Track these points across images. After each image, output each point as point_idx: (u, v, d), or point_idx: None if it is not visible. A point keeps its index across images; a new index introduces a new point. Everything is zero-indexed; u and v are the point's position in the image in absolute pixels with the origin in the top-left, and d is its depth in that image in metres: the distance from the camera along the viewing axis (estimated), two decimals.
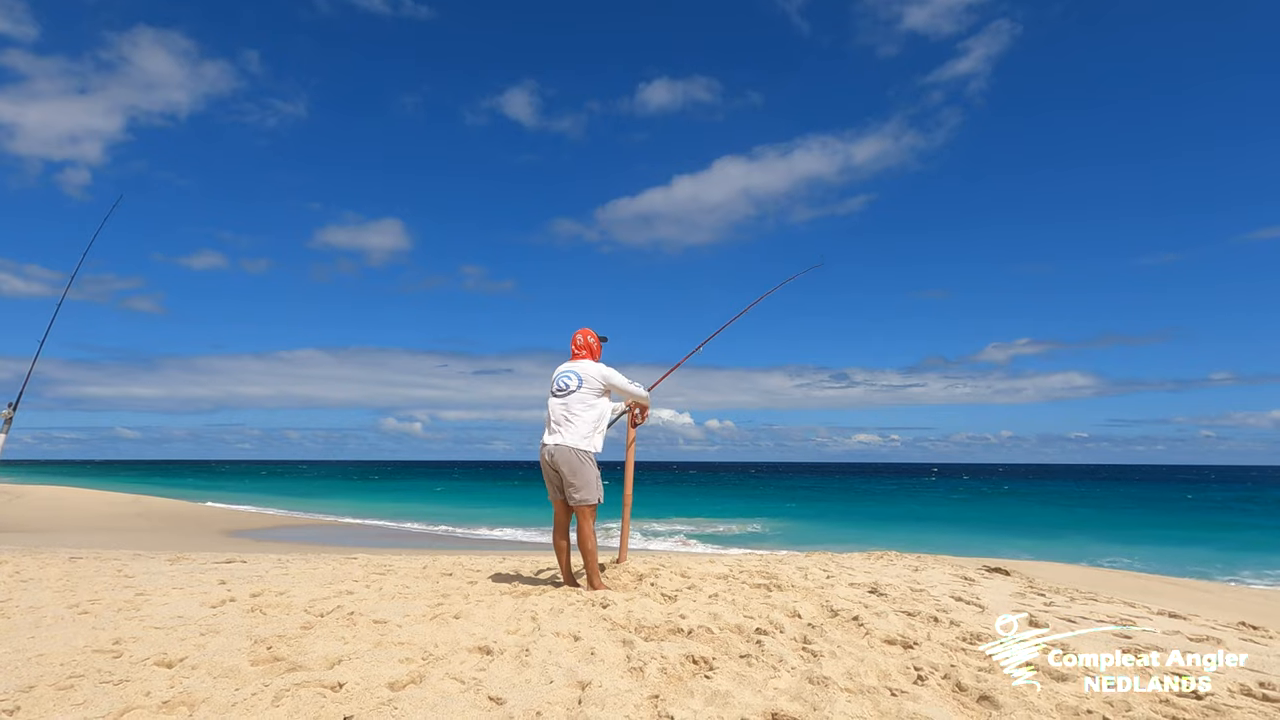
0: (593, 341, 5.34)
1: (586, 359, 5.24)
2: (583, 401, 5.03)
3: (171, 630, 3.92)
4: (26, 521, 19.79)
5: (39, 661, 3.33)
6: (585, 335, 5.34)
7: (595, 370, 5.13)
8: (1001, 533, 26.57)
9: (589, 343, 5.33)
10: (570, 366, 5.19)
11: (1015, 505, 43.82)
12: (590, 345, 5.32)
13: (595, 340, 5.36)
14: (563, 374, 5.17)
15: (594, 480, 5.00)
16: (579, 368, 5.14)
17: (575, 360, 5.25)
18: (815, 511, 37.07)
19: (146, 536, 16.92)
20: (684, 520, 29.47)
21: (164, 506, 28.19)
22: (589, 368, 5.14)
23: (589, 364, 5.18)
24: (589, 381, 5.08)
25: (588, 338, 5.33)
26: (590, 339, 5.33)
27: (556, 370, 5.25)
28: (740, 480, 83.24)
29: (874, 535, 23.75)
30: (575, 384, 5.07)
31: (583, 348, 5.31)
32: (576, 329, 5.38)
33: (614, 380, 5.17)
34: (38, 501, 27.08)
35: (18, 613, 4.38)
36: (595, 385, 5.08)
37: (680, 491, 53.96)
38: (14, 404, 7.09)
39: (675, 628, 3.94)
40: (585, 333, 5.35)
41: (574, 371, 5.13)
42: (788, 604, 4.67)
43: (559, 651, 3.44)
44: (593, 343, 5.34)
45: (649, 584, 5.28)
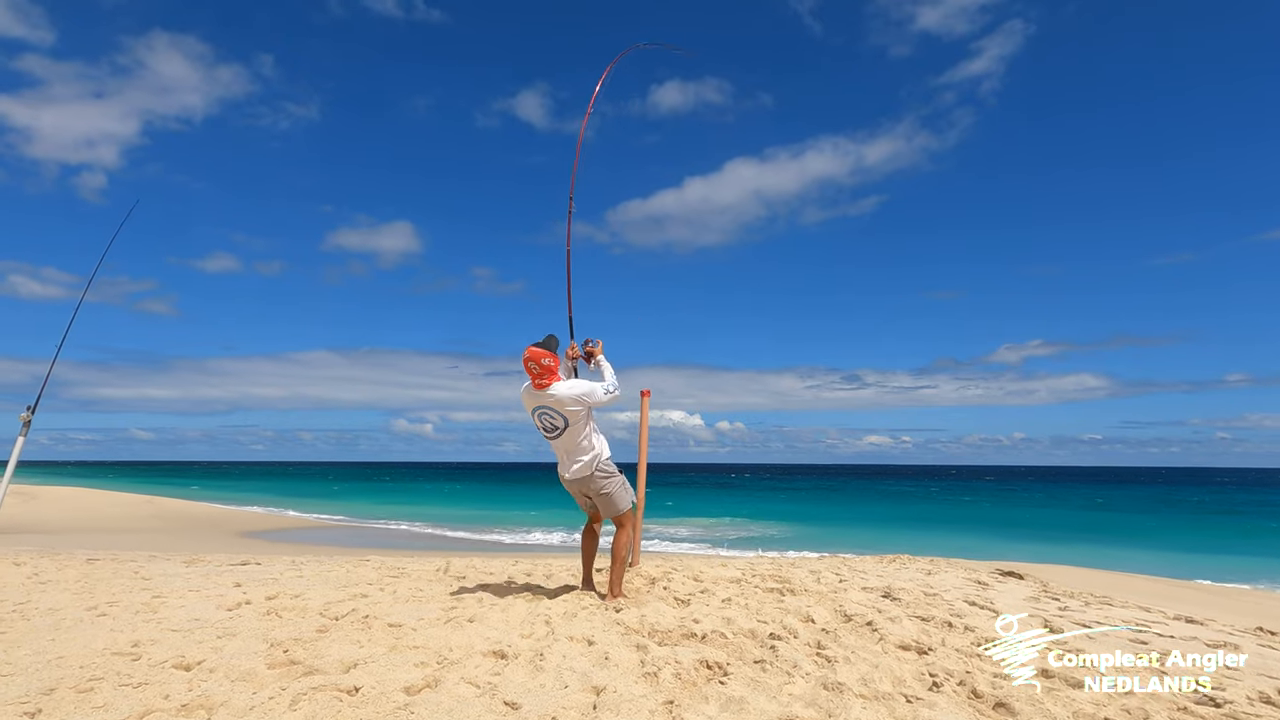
0: (549, 363, 4.66)
1: (555, 382, 4.68)
2: (576, 433, 4.73)
3: (189, 633, 3.95)
4: (42, 522, 19.97)
5: (59, 664, 3.37)
6: (539, 360, 4.63)
7: (570, 396, 4.65)
8: (1014, 535, 26.42)
9: (546, 366, 4.66)
10: (544, 402, 4.69)
11: (1028, 507, 43.57)
12: (549, 368, 4.66)
13: (550, 357, 4.68)
14: (542, 413, 4.74)
15: (620, 489, 4.89)
16: (555, 400, 4.65)
17: (543, 389, 4.66)
18: (826, 513, 36.97)
19: (161, 538, 17.05)
20: (695, 522, 29.45)
21: (178, 508, 28.39)
22: (563, 397, 4.64)
23: (561, 390, 4.65)
24: (573, 415, 4.68)
25: (542, 362, 4.64)
26: (546, 361, 4.64)
27: (527, 399, 4.77)
28: (751, 482, 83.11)
29: (885, 538, 23.66)
30: (561, 422, 4.70)
31: (543, 375, 4.66)
32: (524, 351, 4.67)
33: (591, 399, 4.71)
34: (53, 502, 27.33)
35: (37, 614, 4.43)
36: (579, 415, 4.70)
37: (691, 493, 53.88)
38: (32, 407, 7.16)
39: (689, 632, 3.94)
40: (537, 358, 4.63)
41: (551, 409, 4.68)
42: (801, 608, 4.67)
43: (573, 656, 3.45)
44: (550, 364, 4.66)
45: (662, 588, 5.29)
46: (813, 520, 32.38)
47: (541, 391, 4.66)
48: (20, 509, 23.15)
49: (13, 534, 15.15)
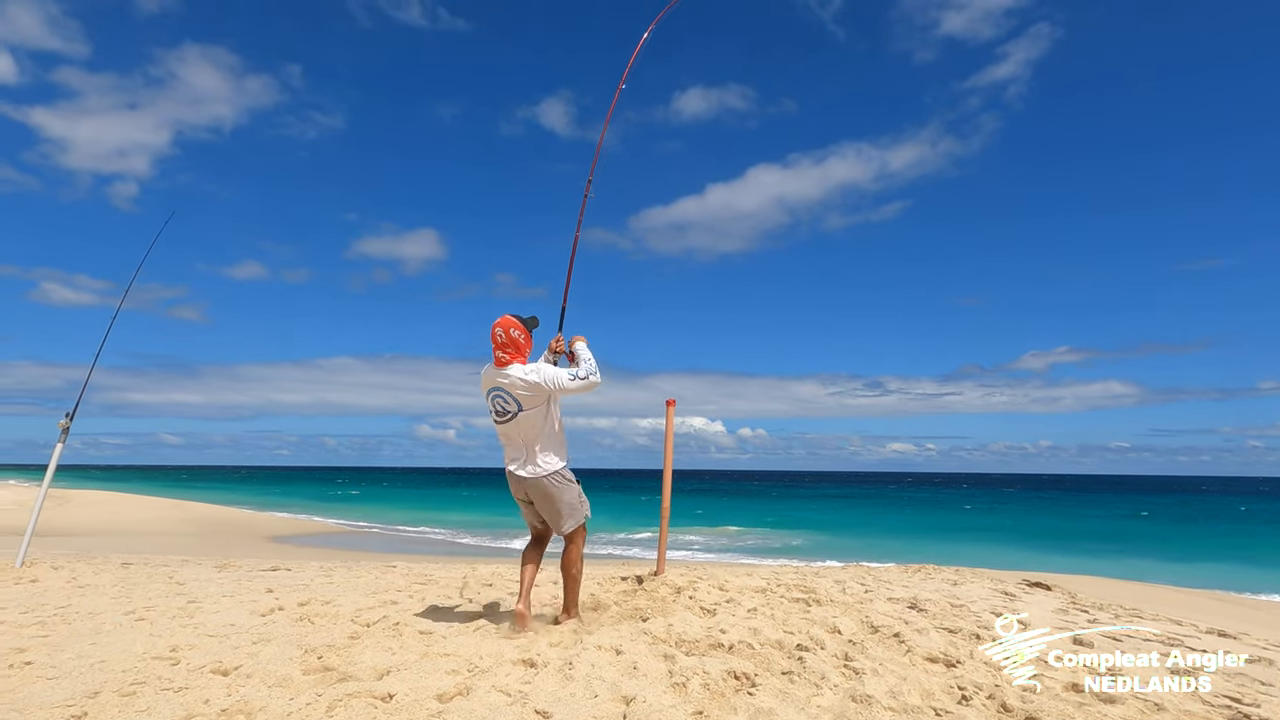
0: (518, 336, 4.14)
1: (515, 362, 4.12)
2: (531, 423, 4.13)
3: (225, 638, 4.03)
4: (75, 526, 20.35)
5: (101, 668, 3.46)
6: (508, 329, 4.12)
7: (529, 379, 4.07)
8: (1042, 545, 26.10)
9: (513, 339, 4.13)
10: (499, 381, 4.13)
11: (1055, 517, 42.98)
12: (516, 342, 4.13)
13: (522, 332, 4.17)
14: (496, 395, 4.17)
15: (576, 500, 4.29)
16: (509, 380, 4.09)
17: (502, 367, 4.13)
18: (849, 522, 36.73)
19: (191, 542, 17.31)
20: (718, 530, 29.39)
21: (206, 512, 28.78)
22: (520, 379, 4.07)
23: (518, 371, 4.08)
24: (527, 400, 4.10)
25: (510, 331, 4.12)
26: (515, 332, 4.13)
27: (484, 379, 4.23)
28: (773, 489, 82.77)
29: (910, 547, 23.47)
30: (514, 407, 4.12)
31: (507, 347, 4.13)
32: (495, 320, 4.18)
33: (555, 384, 4.09)
34: (85, 506, 27.82)
35: (78, 619, 4.54)
36: (535, 400, 4.12)
37: (713, 501, 53.78)
38: (70, 414, 7.36)
39: (716, 643, 3.96)
40: (507, 325, 4.13)
41: (505, 391, 4.12)
42: (827, 619, 4.67)
43: (601, 665, 3.48)
44: (518, 337, 4.14)
45: (687, 597, 5.31)
46: (836, 528, 32.19)
47: (499, 370, 4.12)
48: (53, 513, 23.59)
49: (47, 537, 15.44)
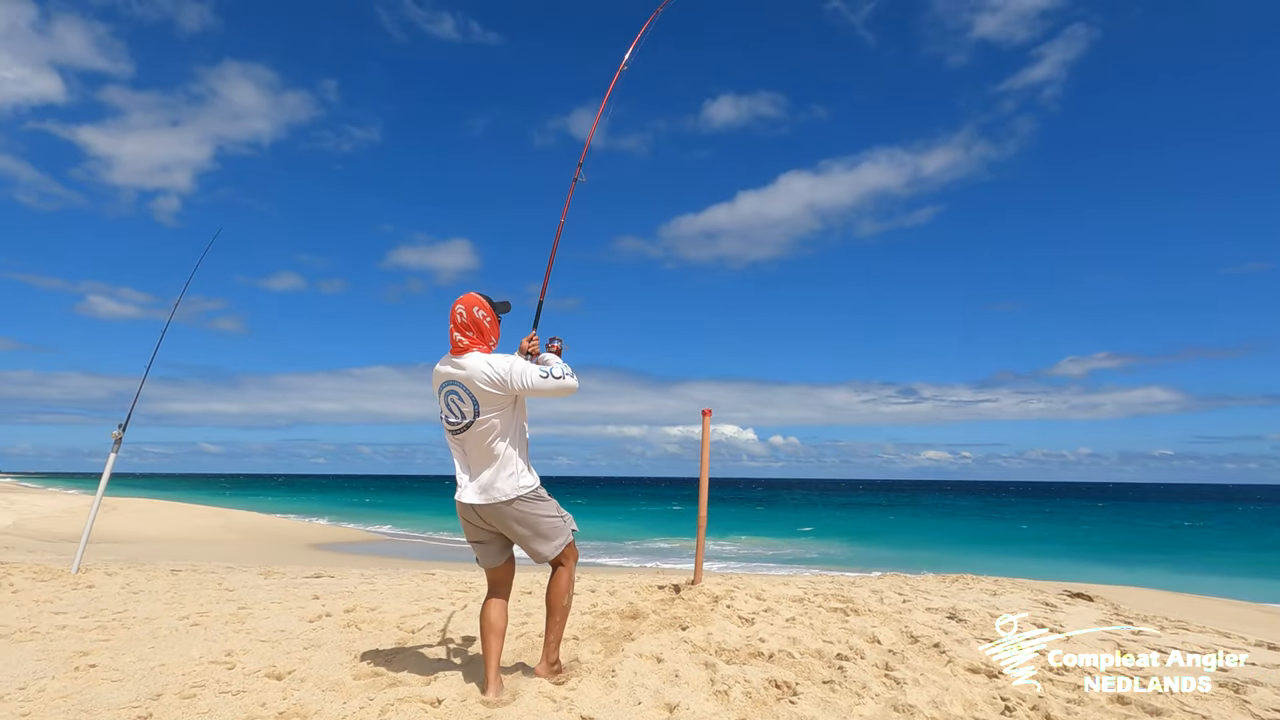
0: (483, 317, 3.32)
1: (476, 349, 3.28)
2: (492, 432, 3.25)
3: (276, 644, 4.16)
4: (122, 533, 20.88)
5: (162, 671, 3.59)
6: (471, 307, 3.30)
7: (490, 373, 3.20)
8: (1083, 555, 25.59)
9: (476, 319, 3.30)
10: (454, 374, 3.27)
11: (1097, 525, 42.12)
12: (480, 324, 3.31)
13: (489, 313, 3.35)
14: (450, 393, 3.30)
15: (556, 514, 3.46)
16: (467, 372, 3.22)
17: (461, 355, 3.28)
18: (884, 530, 36.31)
19: (234, 549, 17.68)
20: (752, 539, 29.24)
21: (246, 520, 29.34)
22: (482, 371, 3.20)
23: (478, 362, 3.23)
24: (487, 397, 3.21)
25: (474, 311, 3.30)
26: (480, 312, 3.31)
27: (437, 373, 3.37)
28: (806, 498, 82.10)
29: (947, 556, 23.16)
30: (470, 408, 3.24)
31: (468, 329, 3.30)
32: (458, 297, 3.37)
33: (524, 381, 3.22)
34: (131, 514, 28.50)
35: (135, 623, 4.70)
36: (497, 400, 3.23)
37: (746, 509, 53.43)
38: (123, 425, 7.60)
39: (755, 651, 3.99)
40: (470, 303, 3.32)
41: (459, 387, 3.25)
42: (866, 629, 4.67)
43: (644, 673, 3.53)
44: (482, 319, 3.32)
45: (725, 606, 5.34)
46: (871, 538, 31.86)
47: (456, 359, 3.28)
48: (102, 520, 24.18)
49: (97, 544, 15.89)
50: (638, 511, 47.61)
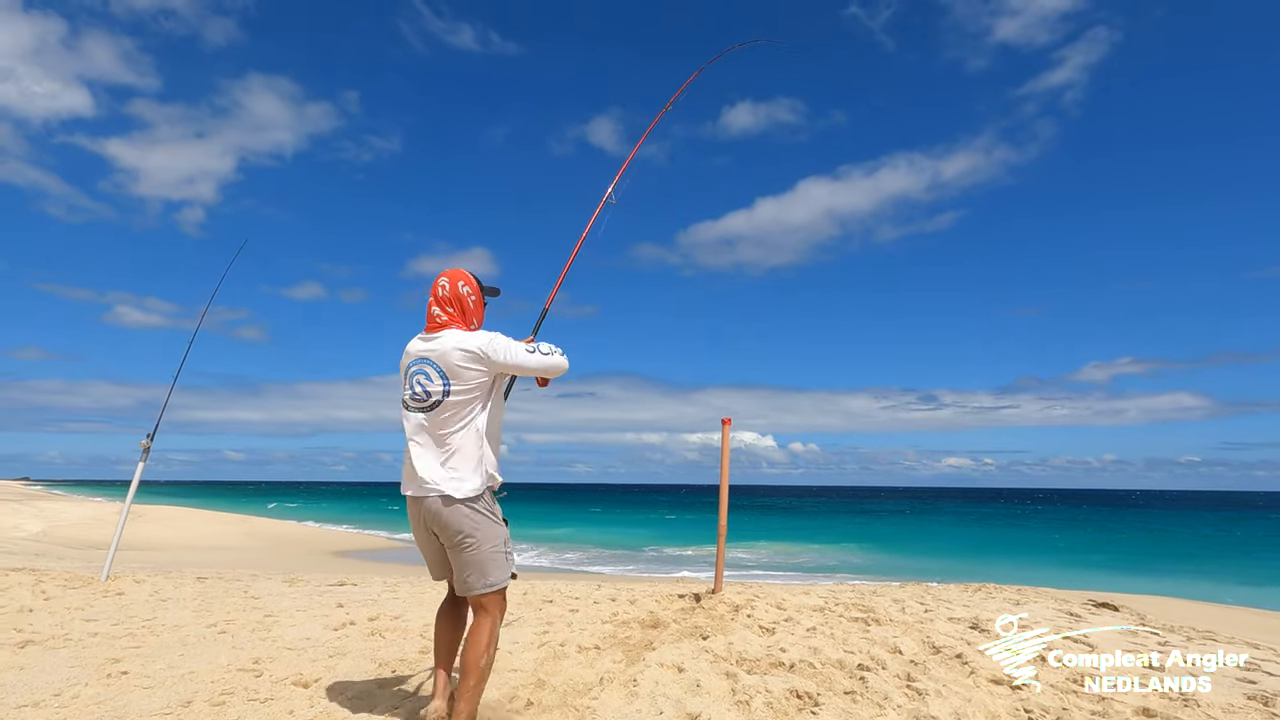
0: (467, 293, 3.02)
1: (454, 327, 2.95)
2: (456, 417, 2.85)
3: (302, 651, 4.22)
4: (150, 541, 21.16)
5: (191, 678, 3.66)
6: (455, 281, 3.02)
7: (471, 345, 2.86)
8: (1108, 563, 25.26)
9: (459, 295, 3.00)
10: (425, 351, 2.91)
11: (1123, 533, 41.53)
12: (463, 300, 3.01)
13: (474, 290, 3.06)
14: (418, 371, 2.91)
15: (501, 546, 2.87)
16: (441, 349, 2.87)
17: (436, 331, 2.95)
18: (905, 538, 36.04)
19: (257, 556, 17.87)
20: (772, 547, 29.13)
21: (269, 527, 29.65)
22: (457, 346, 2.86)
23: (457, 338, 2.88)
24: (460, 375, 2.84)
25: (459, 286, 3.01)
26: (465, 288, 3.02)
27: (406, 353, 3.01)
28: (826, 505, 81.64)
29: (969, 565, 22.94)
30: (439, 387, 2.84)
31: (449, 303, 2.99)
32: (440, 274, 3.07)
33: (509, 359, 2.89)
34: (157, 522, 28.89)
35: (164, 631, 4.78)
36: (472, 378, 2.86)
37: (765, 517, 53.26)
38: (151, 434, 7.73)
39: (776, 661, 4.00)
40: (455, 278, 3.03)
41: (429, 364, 2.88)
42: (887, 639, 4.66)
43: (665, 682, 3.55)
44: (467, 295, 3.02)
45: (746, 615, 5.34)
46: (892, 545, 31.63)
47: (431, 335, 2.95)
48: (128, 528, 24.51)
49: (124, 551, 16.10)
50: (657, 519, 47.58)
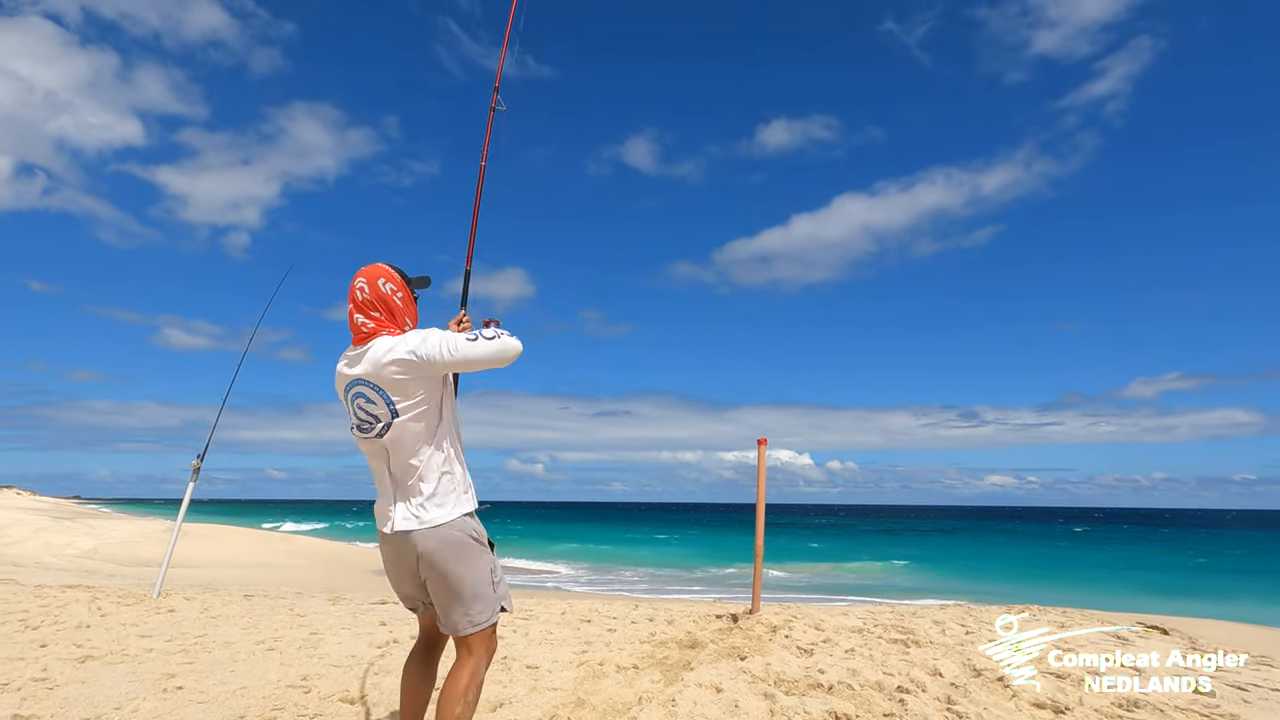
0: (391, 291, 2.56)
1: (384, 334, 2.50)
2: (415, 435, 2.45)
3: (348, 669, 4.32)
4: (196, 559, 21.62)
5: (243, 694, 3.77)
6: (374, 281, 2.55)
7: (398, 354, 2.41)
8: (1158, 586, 24.54)
9: (382, 296, 2.54)
10: (357, 371, 2.47)
11: (1173, 554, 40.30)
12: (387, 301, 2.55)
13: (400, 288, 2.60)
14: (354, 391, 2.49)
15: (488, 576, 2.48)
16: (373, 366, 2.43)
17: (364, 343, 2.50)
18: (946, 558, 35.39)
19: (300, 575, 18.17)
20: (810, 567, 28.84)
21: (310, 545, 30.07)
22: (389, 357, 2.41)
23: (385, 348, 2.44)
24: (402, 389, 2.42)
25: (380, 285, 2.55)
26: (388, 286, 2.56)
27: (339, 376, 2.55)
28: (865, 524, 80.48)
29: (1012, 587, 22.48)
30: (384, 409, 2.43)
31: (372, 307, 2.53)
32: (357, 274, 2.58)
33: (451, 354, 2.42)
34: (203, 540, 29.48)
35: (216, 647, 4.93)
36: (417, 389, 2.44)
37: (803, 536, 52.72)
38: (201, 455, 7.98)
39: (815, 683, 4.00)
40: (374, 276, 2.57)
41: (366, 386, 2.44)
42: (927, 661, 4.62)
43: (704, 703, 3.58)
44: (392, 294, 2.56)
45: (783, 636, 5.33)
46: (932, 565, 31.09)
47: (359, 350, 2.50)
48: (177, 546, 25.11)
49: (173, 569, 16.50)
50: (693, 538, 47.38)
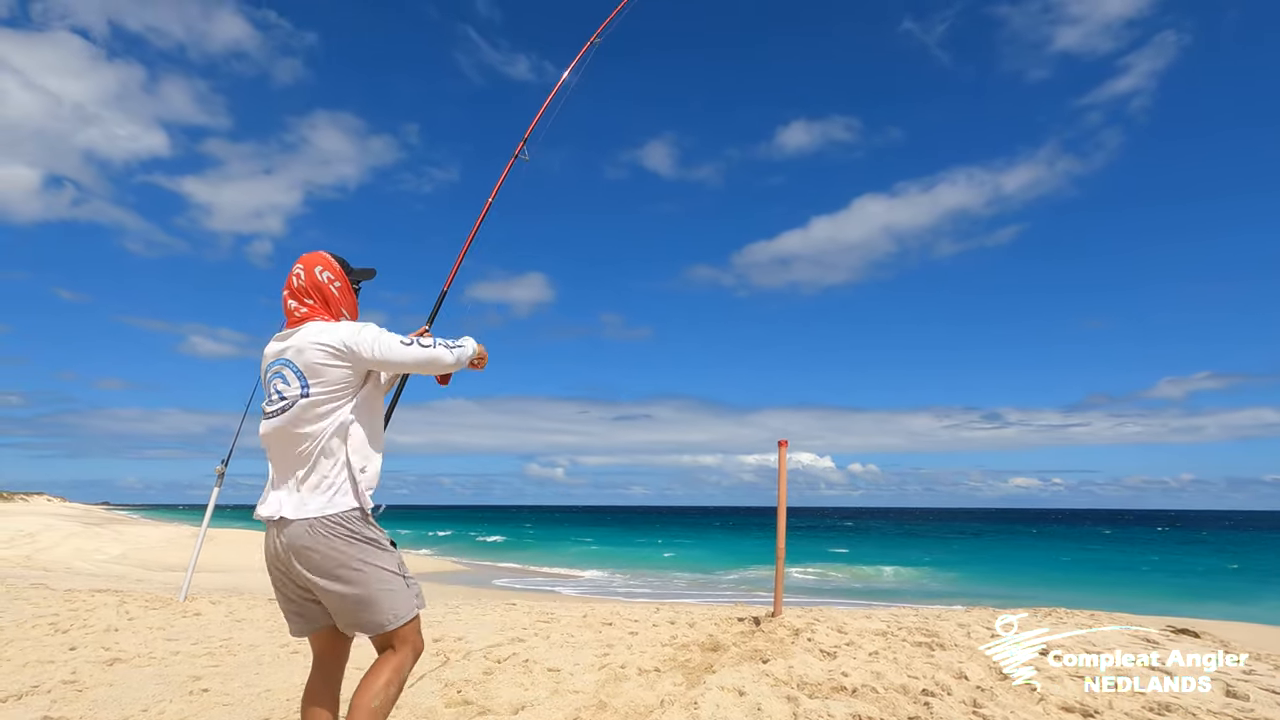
0: (328, 280, 2.49)
1: (318, 319, 2.44)
2: (317, 418, 2.32)
3: None
4: (220, 563, 21.88)
5: (268, 696, 3.80)
6: (312, 268, 2.49)
7: (329, 339, 2.34)
8: (1189, 588, 24.12)
9: (318, 283, 2.47)
10: (281, 349, 2.40)
11: (1205, 556, 39.62)
12: (322, 289, 2.48)
13: (337, 276, 2.52)
14: (277, 372, 2.39)
15: (393, 572, 2.36)
16: (298, 345, 2.35)
17: (295, 327, 2.43)
18: (970, 561, 35.00)
19: None
20: (832, 569, 28.64)
21: None
22: (315, 341, 2.34)
23: (316, 331, 2.37)
24: (321, 374, 2.32)
25: (318, 273, 2.48)
26: (325, 274, 2.49)
27: (265, 356, 2.47)
28: (887, 527, 79.86)
29: (1038, 589, 22.20)
30: (295, 389, 2.32)
31: (306, 294, 2.46)
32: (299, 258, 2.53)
33: (380, 353, 2.36)
34: (226, 545, 29.82)
35: (240, 650, 4.98)
36: (337, 377, 2.34)
37: (825, 539, 52.39)
38: (225, 460, 8.06)
39: (838, 686, 3.96)
40: (312, 264, 2.50)
41: (287, 364, 2.36)
42: (953, 664, 4.57)
43: (726, 706, 3.56)
44: (329, 282, 2.49)
45: (806, 639, 5.30)
46: (956, 568, 30.77)
47: (289, 333, 2.42)
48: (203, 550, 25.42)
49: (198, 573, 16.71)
50: (714, 541, 47.24)
